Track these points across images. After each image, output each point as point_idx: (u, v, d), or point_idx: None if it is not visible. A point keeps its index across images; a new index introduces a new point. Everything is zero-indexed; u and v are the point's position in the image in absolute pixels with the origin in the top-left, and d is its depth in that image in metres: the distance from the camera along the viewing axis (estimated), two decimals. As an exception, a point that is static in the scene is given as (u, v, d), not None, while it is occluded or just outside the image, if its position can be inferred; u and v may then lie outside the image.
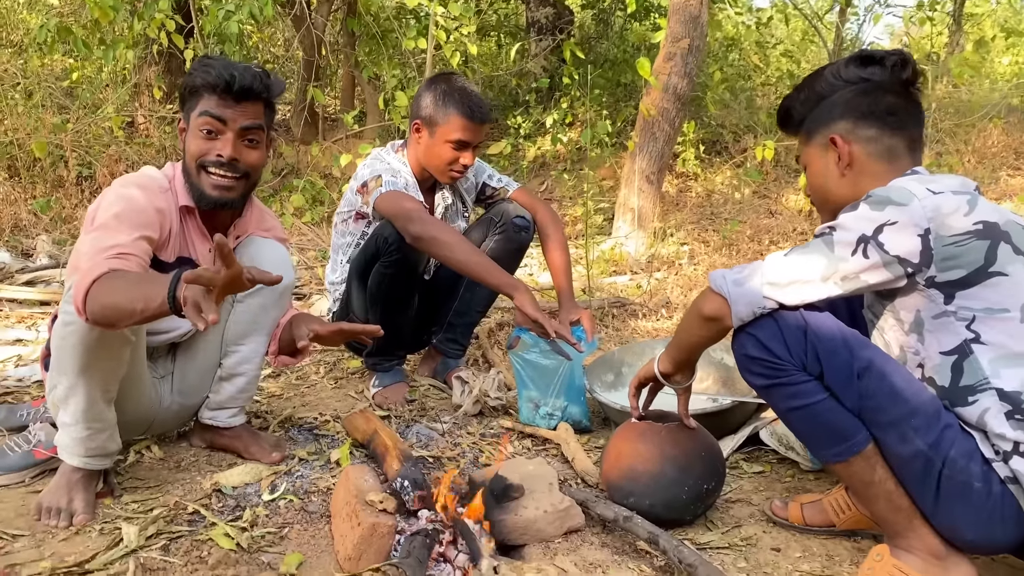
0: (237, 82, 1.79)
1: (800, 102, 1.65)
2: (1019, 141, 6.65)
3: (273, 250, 2.01)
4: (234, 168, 1.84)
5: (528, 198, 2.67)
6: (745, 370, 1.47)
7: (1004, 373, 1.34)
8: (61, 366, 1.70)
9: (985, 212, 1.36)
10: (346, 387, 2.76)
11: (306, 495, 1.91)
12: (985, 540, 1.39)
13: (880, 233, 1.36)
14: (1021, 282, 1.34)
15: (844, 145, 1.55)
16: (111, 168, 5.45)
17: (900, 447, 1.38)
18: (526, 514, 1.71)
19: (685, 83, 4.76)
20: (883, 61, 1.55)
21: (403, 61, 6.41)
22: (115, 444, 1.84)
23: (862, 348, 1.40)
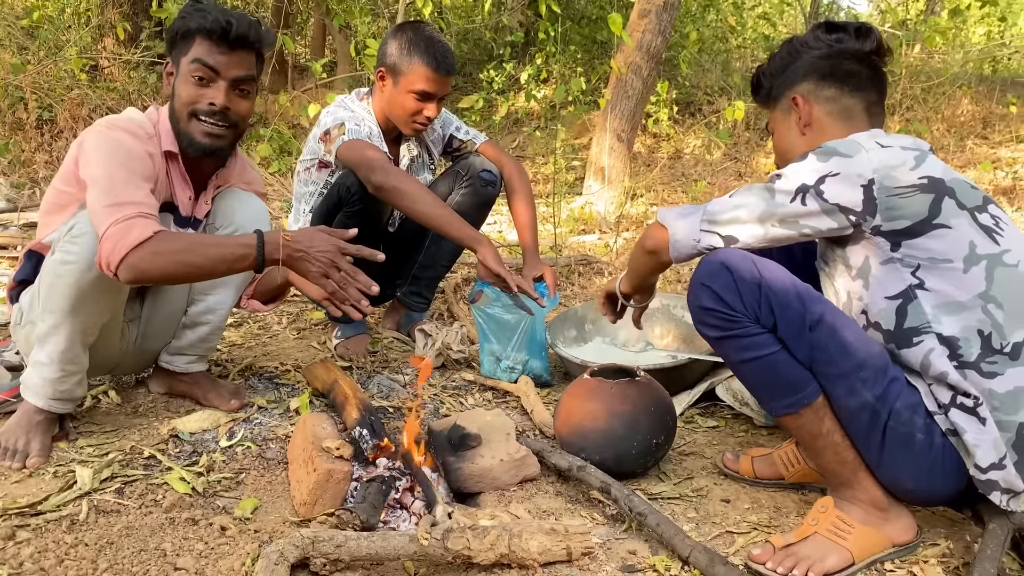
0: (234, 30, 1.77)
1: (768, 71, 1.70)
2: (987, 110, 6.73)
3: (251, 204, 2.01)
4: (225, 117, 1.82)
5: (495, 152, 2.65)
6: (699, 322, 1.49)
7: (944, 319, 1.38)
8: (49, 304, 1.69)
9: (932, 168, 1.39)
10: (308, 338, 2.75)
11: (264, 442, 1.91)
12: (926, 490, 1.44)
13: (822, 183, 1.40)
14: (964, 235, 1.38)
15: (804, 105, 1.60)
16: (73, 112, 5.33)
17: (848, 399, 1.42)
18: (482, 462, 1.73)
19: (659, 41, 4.73)
20: (846, 28, 1.60)
21: (375, 10, 6.28)
22: (82, 389, 1.84)
23: (814, 302, 1.42)
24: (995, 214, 1.42)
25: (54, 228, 1.77)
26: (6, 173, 4.76)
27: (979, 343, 1.36)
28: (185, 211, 1.94)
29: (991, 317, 1.36)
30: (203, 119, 1.80)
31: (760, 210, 1.44)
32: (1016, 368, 1.36)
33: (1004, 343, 1.36)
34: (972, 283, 1.36)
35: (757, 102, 1.77)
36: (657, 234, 1.57)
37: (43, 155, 5.19)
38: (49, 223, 1.82)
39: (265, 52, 1.90)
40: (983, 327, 1.36)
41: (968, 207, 1.39)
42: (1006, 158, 5.57)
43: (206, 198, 1.98)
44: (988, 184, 4.89)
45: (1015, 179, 4.81)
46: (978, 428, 1.35)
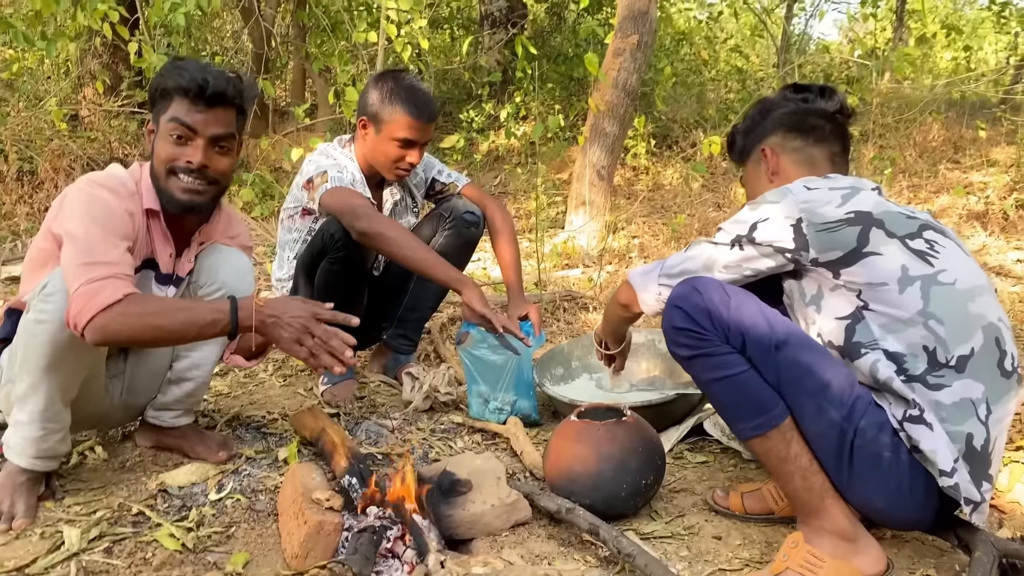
0: (211, 87, 1.76)
1: (741, 131, 1.84)
2: (957, 135, 6.87)
3: (235, 260, 1.99)
4: (204, 175, 1.81)
5: (478, 193, 2.69)
6: (671, 342, 1.57)
7: (890, 337, 1.46)
8: (25, 364, 1.67)
9: (860, 204, 1.50)
10: (295, 384, 2.75)
11: (253, 494, 1.90)
12: (898, 510, 1.47)
13: (754, 230, 1.55)
14: (895, 260, 1.46)
15: (772, 156, 1.74)
16: (53, 163, 5.34)
17: (816, 419, 1.47)
18: (474, 508, 1.73)
19: (634, 79, 4.81)
20: (812, 89, 1.78)
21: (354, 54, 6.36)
22: (66, 446, 1.82)
23: (780, 323, 1.50)
24: (930, 239, 1.50)
25: (34, 286, 1.77)
26: (-13, 226, 4.74)
27: (925, 358, 1.43)
28: (166, 269, 1.93)
29: (933, 332, 1.43)
30: (181, 176, 1.80)
31: (704, 259, 1.61)
32: (962, 380, 1.42)
33: (949, 357, 1.42)
34: (909, 302, 1.44)
35: (731, 159, 1.91)
36: (628, 292, 1.76)
37: (24, 207, 5.18)
38: (29, 280, 1.82)
39: (247, 106, 1.90)
40: (927, 342, 1.43)
41: (899, 235, 1.49)
42: (978, 182, 5.67)
43: (189, 255, 1.97)
44: (961, 210, 4.98)
45: (987, 204, 4.90)
46: (928, 433, 1.40)
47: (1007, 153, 6.28)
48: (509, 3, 8.68)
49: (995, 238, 4.54)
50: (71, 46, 5.69)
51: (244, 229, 2.13)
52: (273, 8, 7.21)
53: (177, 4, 4.12)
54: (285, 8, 7.94)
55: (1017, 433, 2.18)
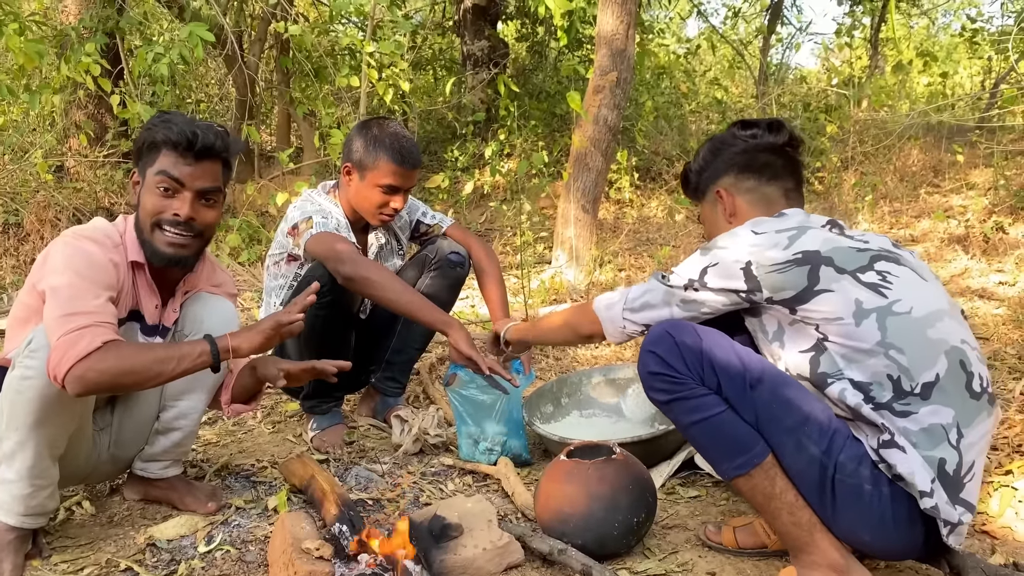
0: (199, 141, 1.78)
1: (695, 170, 1.86)
2: (936, 159, 6.96)
3: (220, 308, 2.01)
4: (190, 228, 1.83)
5: (462, 234, 2.71)
6: (648, 387, 1.58)
7: (852, 367, 1.48)
8: (12, 421, 1.67)
9: (807, 243, 1.53)
10: (284, 431, 2.73)
11: (243, 544, 1.88)
12: (885, 542, 1.47)
13: (704, 275, 1.59)
14: (848, 295, 1.48)
15: (728, 197, 1.77)
16: (39, 215, 5.34)
17: (796, 455, 1.47)
18: (465, 553, 1.71)
19: (615, 115, 4.87)
20: (758, 124, 1.78)
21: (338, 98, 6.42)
22: (54, 502, 1.81)
23: (754, 361, 1.51)
24: (882, 270, 1.52)
25: (20, 341, 1.77)
26: (-28, 280, 4.73)
27: (890, 387, 1.45)
28: (152, 320, 1.94)
29: (895, 362, 1.44)
30: (167, 229, 1.81)
31: (661, 295, 1.65)
32: (928, 406, 1.43)
33: (914, 384, 1.43)
34: (867, 334, 1.46)
35: (687, 196, 1.94)
36: (591, 322, 1.80)
37: (10, 260, 5.17)
38: (13, 337, 1.82)
39: (232, 160, 1.92)
40: (891, 371, 1.44)
41: (849, 270, 1.50)
42: (957, 206, 5.75)
43: (174, 305, 1.98)
44: (942, 233, 5.04)
45: (967, 227, 4.95)
46: (903, 457, 1.40)
47: (985, 176, 6.37)
48: (491, 43, 8.80)
49: (976, 261, 4.58)
50: (55, 98, 5.72)
51: (228, 277, 2.15)
52: (256, 55, 7.29)
53: (160, 55, 4.17)
54: (268, 54, 8.03)
55: (1006, 457, 2.19)
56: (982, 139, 6.82)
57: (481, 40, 8.74)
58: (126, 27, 5.62)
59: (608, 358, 3.48)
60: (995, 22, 9.90)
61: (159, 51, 4.26)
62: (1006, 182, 5.59)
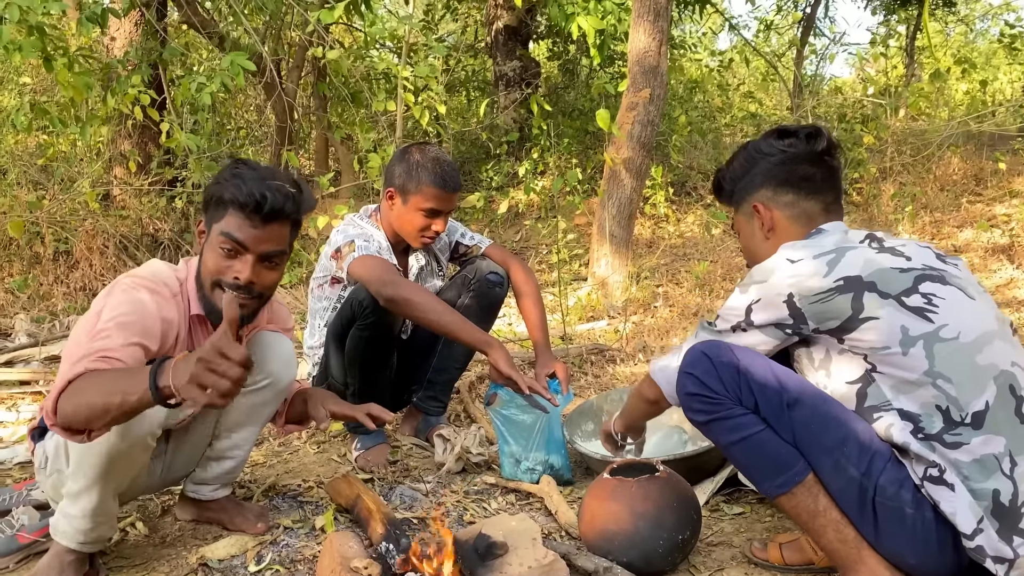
0: (268, 204, 1.71)
1: (728, 177, 1.81)
2: (977, 167, 6.85)
3: (281, 348, 2.00)
4: (249, 291, 1.77)
5: (501, 254, 2.74)
6: (687, 408, 1.59)
7: (901, 398, 1.45)
8: (79, 469, 1.67)
9: (848, 268, 1.49)
10: (328, 451, 2.77)
11: (292, 564, 1.92)
12: (927, 565, 1.45)
13: (751, 314, 1.57)
14: (894, 322, 1.45)
15: (766, 212, 1.72)
16: (88, 243, 5.49)
17: (835, 476, 1.47)
18: (511, 571, 1.72)
19: (648, 131, 4.89)
20: (798, 134, 1.72)
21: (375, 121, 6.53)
22: (113, 531, 1.85)
23: (792, 381, 1.51)
24: (927, 292, 1.47)
25: None
26: (26, 308, 4.87)
27: (940, 417, 1.41)
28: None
29: (943, 392, 1.41)
30: (226, 291, 1.77)
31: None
32: (980, 436, 1.39)
33: (964, 414, 1.40)
34: (915, 363, 1.43)
35: (720, 202, 1.89)
36: (653, 388, 1.79)
37: (61, 287, 5.32)
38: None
39: (303, 219, 1.86)
40: (939, 402, 1.41)
41: (893, 294, 1.46)
42: (1001, 215, 5.64)
43: None
44: (986, 243, 4.95)
45: (1012, 237, 4.86)
46: (950, 495, 1.38)
47: (1029, 184, 6.26)
48: (522, 63, 8.88)
49: (1023, 271, 4.49)
50: (103, 129, 5.90)
51: (284, 311, 2.16)
52: (295, 82, 7.44)
53: (203, 84, 4.28)
54: (306, 81, 8.19)
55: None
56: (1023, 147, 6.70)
57: (513, 60, 8.82)
58: (168, 58, 5.78)
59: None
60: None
61: (202, 80, 4.38)
62: (1051, 189, 5.49)
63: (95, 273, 5.44)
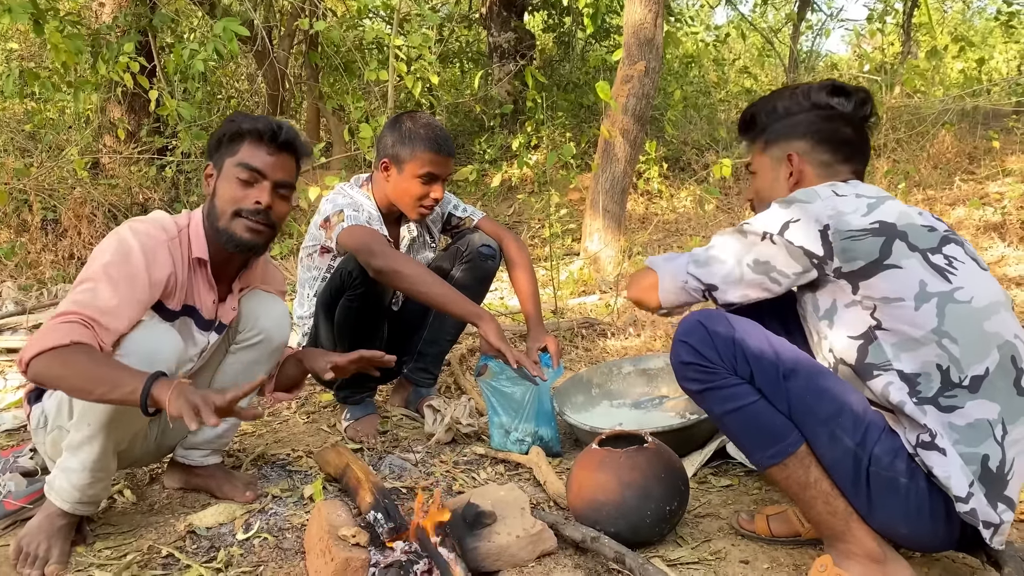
0: (283, 134, 1.88)
1: (766, 112, 1.77)
2: (971, 146, 6.84)
3: (275, 308, 2.06)
4: (267, 217, 1.87)
5: (493, 227, 2.72)
6: (681, 377, 1.56)
7: (903, 356, 1.45)
8: (85, 416, 1.69)
9: (885, 214, 1.49)
10: (318, 421, 2.77)
11: (280, 532, 1.92)
12: (920, 535, 1.46)
13: (786, 229, 1.52)
14: (914, 274, 1.45)
15: (799, 163, 1.69)
16: (76, 211, 5.44)
17: (830, 446, 1.46)
18: (499, 540, 1.73)
19: (643, 104, 4.85)
20: (851, 95, 1.69)
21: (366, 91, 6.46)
22: (108, 492, 1.87)
23: (787, 351, 1.50)
24: (949, 254, 1.48)
25: None
26: (13, 276, 4.83)
27: (939, 378, 1.42)
28: (208, 315, 1.96)
29: (947, 352, 1.41)
30: (247, 217, 1.86)
31: (735, 248, 1.58)
32: (975, 400, 1.40)
33: (963, 376, 1.41)
34: (924, 320, 1.43)
35: (744, 137, 1.85)
36: (644, 280, 1.70)
37: (49, 255, 5.28)
38: None
39: (302, 162, 1.98)
40: (941, 361, 1.42)
41: (920, 248, 1.47)
42: (994, 193, 5.64)
43: (232, 302, 2.01)
44: (978, 221, 4.95)
45: (1004, 215, 4.87)
46: (942, 460, 1.38)
47: (1022, 162, 6.24)
48: (517, 34, 8.79)
49: (1014, 248, 4.50)
50: (93, 96, 5.82)
51: (280, 275, 2.20)
52: (286, 50, 7.35)
53: (196, 51, 4.22)
54: (298, 50, 8.09)
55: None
56: (1020, 124, 6.68)
57: (507, 32, 8.73)
58: (159, 25, 5.69)
59: (639, 348, 3.48)
60: (1033, 5, 9.68)
61: (195, 47, 4.32)
62: (1045, 168, 5.48)
63: (83, 241, 5.40)
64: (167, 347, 1.73)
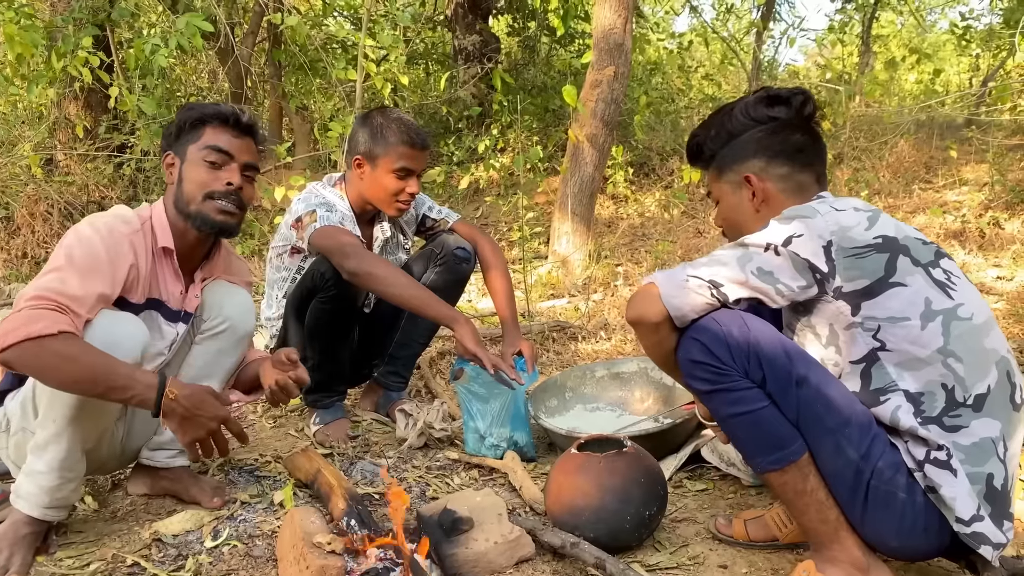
0: (245, 116, 1.92)
1: (711, 139, 1.72)
2: (928, 156, 6.99)
3: (239, 297, 2.04)
4: (239, 198, 1.90)
5: (468, 229, 2.69)
6: (689, 376, 1.50)
7: (907, 376, 1.42)
8: (49, 413, 1.65)
9: (885, 228, 1.45)
10: (286, 426, 2.71)
11: (250, 539, 1.86)
12: (909, 548, 1.46)
13: (789, 243, 1.44)
14: (919, 291, 1.42)
15: (759, 183, 1.64)
16: (30, 208, 5.29)
17: (833, 457, 1.43)
18: (476, 547, 1.70)
19: (612, 109, 4.86)
20: (789, 101, 1.65)
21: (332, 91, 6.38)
22: (77, 495, 1.80)
23: (801, 358, 1.45)
24: (947, 268, 1.47)
25: None
26: (-36, 274, 4.67)
27: (943, 397, 1.40)
28: (175, 306, 1.93)
29: (952, 371, 1.40)
30: (218, 199, 1.85)
31: (737, 255, 1.47)
32: (979, 419, 1.39)
33: (967, 395, 1.39)
34: (930, 339, 1.40)
35: (696, 167, 1.81)
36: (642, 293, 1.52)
37: (2, 254, 5.12)
38: None
39: (259, 146, 1.99)
40: (946, 381, 1.40)
41: (922, 263, 1.44)
42: (952, 201, 5.77)
43: (195, 291, 1.98)
44: (939, 228, 5.06)
45: (963, 222, 4.98)
46: (952, 480, 1.37)
47: (978, 171, 6.40)
48: (482, 37, 8.76)
49: (973, 256, 4.60)
50: (50, 91, 5.65)
51: (244, 266, 2.18)
52: (249, 48, 7.23)
53: (158, 46, 4.12)
54: (260, 48, 7.97)
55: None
56: (977, 135, 6.84)
57: (473, 35, 8.69)
58: (118, 19, 5.55)
59: (610, 352, 3.48)
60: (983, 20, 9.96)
61: (156, 42, 4.21)
62: (1001, 177, 5.61)
63: (38, 240, 5.24)
64: (131, 336, 1.69)
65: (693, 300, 1.48)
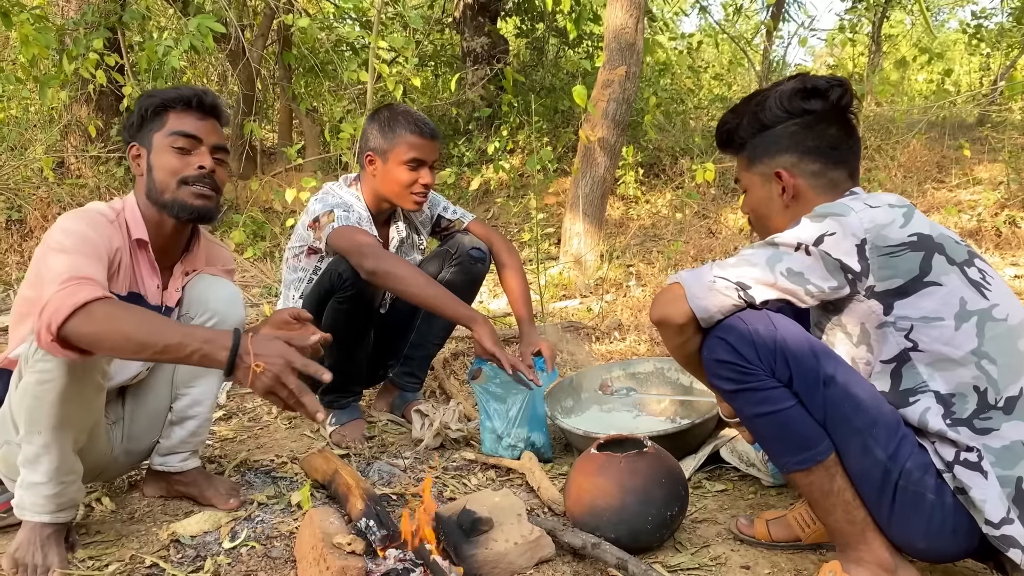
0: (208, 99, 1.87)
1: (742, 127, 1.66)
2: (940, 155, 6.95)
3: (224, 288, 1.99)
4: (213, 181, 1.86)
5: (484, 229, 2.68)
6: (714, 375, 1.47)
7: (938, 376, 1.40)
8: (34, 425, 1.62)
9: (920, 225, 1.41)
10: (301, 427, 2.70)
11: (268, 540, 1.86)
12: (936, 550, 1.43)
13: (821, 242, 1.40)
14: (955, 291, 1.39)
15: (790, 179, 1.59)
16: (42, 211, 5.31)
17: (861, 457, 1.41)
18: (496, 547, 1.69)
19: (623, 109, 4.85)
20: (827, 94, 1.58)
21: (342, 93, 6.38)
22: (82, 493, 1.78)
23: (829, 358, 1.43)
24: (982, 268, 1.44)
25: (22, 338, 1.71)
26: (-23, 277, 4.69)
27: (975, 399, 1.38)
28: (154, 300, 1.90)
29: (985, 372, 1.37)
30: (193, 183, 1.82)
31: (766, 255, 1.44)
32: (1011, 422, 1.37)
33: (999, 398, 1.37)
34: (964, 340, 1.38)
35: (725, 153, 1.75)
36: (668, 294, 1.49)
37: (14, 256, 5.14)
38: (15, 333, 1.78)
39: (223, 126, 1.96)
40: (979, 383, 1.38)
41: (957, 262, 1.41)
42: (966, 201, 5.73)
43: (176, 285, 1.95)
44: (954, 227, 5.03)
45: (979, 221, 4.95)
46: (983, 483, 1.35)
47: (992, 171, 6.36)
48: (491, 39, 8.76)
49: (990, 255, 4.57)
50: (62, 93, 5.67)
51: (225, 252, 2.14)
52: (259, 50, 7.24)
53: (170, 48, 4.13)
54: (270, 50, 7.99)
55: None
56: (993, 134, 6.80)
57: (481, 36, 8.69)
58: (129, 21, 5.56)
59: (624, 352, 3.46)
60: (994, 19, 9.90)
61: (169, 44, 4.22)
62: (1017, 176, 5.58)
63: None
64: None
65: (720, 301, 1.45)
